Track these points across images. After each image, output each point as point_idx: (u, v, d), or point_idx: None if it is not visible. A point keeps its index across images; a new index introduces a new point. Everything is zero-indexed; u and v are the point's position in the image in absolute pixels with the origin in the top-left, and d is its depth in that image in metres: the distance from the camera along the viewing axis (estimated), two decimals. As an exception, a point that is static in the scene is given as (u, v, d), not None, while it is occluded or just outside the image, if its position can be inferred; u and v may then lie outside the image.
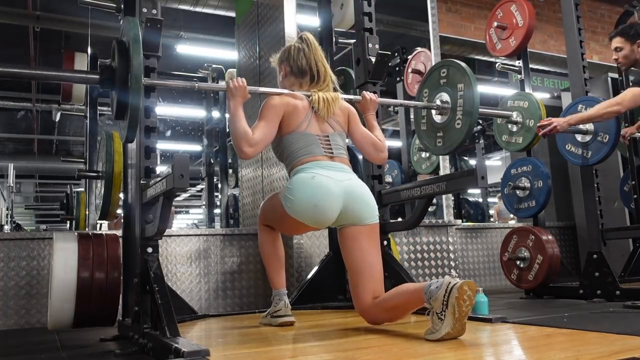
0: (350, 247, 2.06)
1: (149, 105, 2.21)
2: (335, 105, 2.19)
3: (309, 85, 2.23)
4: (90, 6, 2.38)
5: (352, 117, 2.28)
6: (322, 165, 2.07)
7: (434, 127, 2.60)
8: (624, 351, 1.42)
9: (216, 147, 5.64)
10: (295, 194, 2.01)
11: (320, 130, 2.16)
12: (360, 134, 2.27)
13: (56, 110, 6.79)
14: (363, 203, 2.06)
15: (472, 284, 1.65)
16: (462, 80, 2.43)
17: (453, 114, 2.47)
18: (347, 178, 2.08)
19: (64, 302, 2.17)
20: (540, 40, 6.45)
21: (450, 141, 2.51)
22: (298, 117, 2.13)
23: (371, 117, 2.36)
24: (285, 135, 2.13)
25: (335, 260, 3.02)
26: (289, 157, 2.13)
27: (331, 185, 2.01)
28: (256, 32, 3.97)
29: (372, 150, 2.27)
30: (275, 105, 2.11)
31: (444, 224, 3.69)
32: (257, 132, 2.03)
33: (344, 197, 2.02)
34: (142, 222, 2.05)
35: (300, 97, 2.17)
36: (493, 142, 8.76)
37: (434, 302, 1.67)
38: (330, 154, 2.12)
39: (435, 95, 2.57)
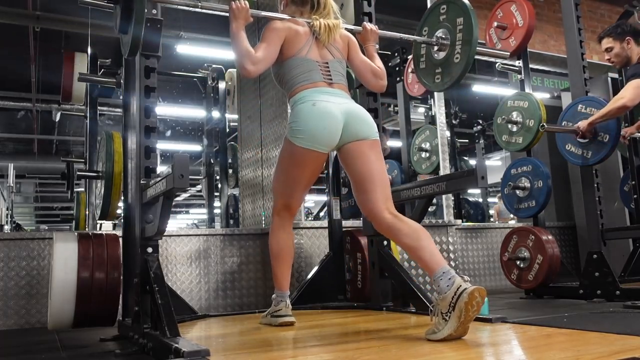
0: (356, 159, 2.08)
1: (149, 105, 2.20)
2: (336, 32, 2.23)
3: (309, 13, 2.27)
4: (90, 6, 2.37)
5: (352, 45, 2.31)
6: (321, 91, 2.11)
7: (432, 63, 2.61)
8: (624, 351, 1.42)
9: (216, 147, 5.64)
10: (302, 124, 2.05)
11: (320, 56, 2.20)
12: (360, 60, 2.30)
13: (56, 110, 6.79)
14: (363, 121, 2.11)
15: (482, 291, 1.65)
16: (461, 15, 2.44)
17: (452, 48, 2.49)
18: (346, 102, 2.12)
19: (64, 302, 2.17)
20: (540, 40, 6.44)
21: (449, 76, 2.52)
22: (299, 42, 2.17)
23: (371, 47, 2.39)
24: (286, 59, 2.17)
25: (335, 260, 3.02)
26: (289, 82, 2.17)
27: (332, 108, 2.06)
28: (256, 33, 3.97)
29: (372, 77, 2.29)
30: (278, 29, 2.15)
31: (444, 224, 3.69)
32: (259, 51, 2.08)
33: (344, 118, 2.07)
34: (142, 222, 2.05)
35: (301, 23, 2.22)
36: (493, 142, 8.75)
37: (441, 301, 1.67)
38: (330, 80, 2.16)
39: (434, 32, 2.59)
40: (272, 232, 2.29)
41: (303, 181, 2.21)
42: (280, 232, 2.27)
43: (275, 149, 3.63)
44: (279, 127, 3.55)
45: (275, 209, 2.28)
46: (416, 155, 4.52)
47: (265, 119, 3.83)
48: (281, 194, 2.25)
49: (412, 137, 4.53)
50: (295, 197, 2.26)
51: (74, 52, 5.11)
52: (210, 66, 5.54)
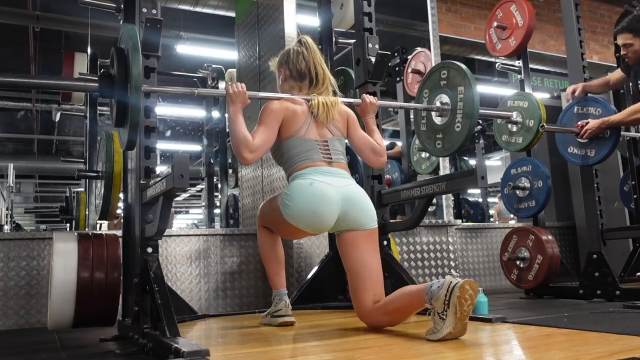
0: (350, 252, 2.06)
1: (149, 105, 2.21)
2: (334, 110, 2.19)
3: (308, 88, 2.23)
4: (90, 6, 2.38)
5: (352, 121, 2.28)
6: (321, 171, 2.07)
7: (434, 128, 2.60)
8: (624, 351, 1.42)
9: (216, 147, 5.64)
10: (293, 201, 2.02)
11: (319, 135, 2.16)
12: (360, 138, 2.27)
13: (56, 110, 6.80)
14: (361, 209, 2.06)
15: (473, 283, 1.65)
16: (462, 83, 2.42)
17: (453, 116, 2.47)
18: (346, 184, 2.08)
19: (64, 302, 2.17)
20: (540, 40, 6.45)
21: (450, 143, 2.50)
22: (297, 122, 2.13)
23: (370, 121, 2.36)
24: (284, 140, 2.13)
25: (335, 260, 3.01)
26: (288, 161, 2.13)
27: (329, 191, 2.02)
28: (256, 32, 3.98)
29: (371, 155, 2.27)
30: (275, 110, 2.11)
31: (444, 224, 3.69)
32: (257, 137, 2.04)
33: (342, 203, 2.03)
34: (142, 222, 2.05)
35: (299, 102, 2.18)
36: (493, 142, 8.75)
37: (436, 302, 1.67)
38: (329, 159, 2.13)
39: (435, 97, 2.57)
40: (260, 236, 2.32)
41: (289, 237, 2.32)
42: (266, 236, 2.30)
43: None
44: (279, 127, 3.55)
45: (260, 224, 2.32)
46: (416, 155, 4.52)
47: (265, 119, 3.82)
48: (266, 223, 2.29)
49: (412, 137, 4.53)
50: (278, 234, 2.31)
51: (74, 52, 5.12)
52: (210, 66, 5.54)
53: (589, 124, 3.11)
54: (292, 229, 2.10)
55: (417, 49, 4.41)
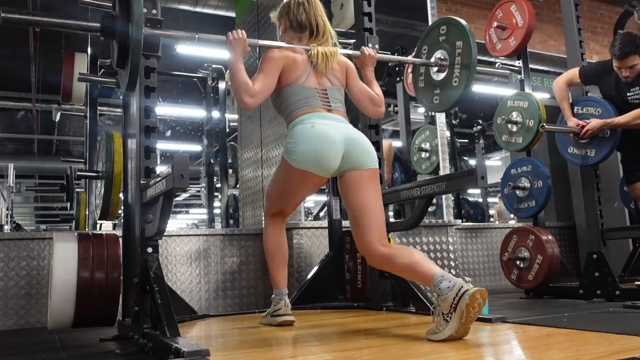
0: (353, 190, 2.08)
1: (149, 105, 2.21)
2: (333, 60, 2.22)
3: (308, 39, 2.26)
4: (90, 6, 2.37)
5: (350, 72, 2.31)
6: (320, 115, 2.11)
7: (431, 84, 2.61)
8: (624, 351, 1.42)
9: (216, 147, 5.64)
10: (299, 145, 2.04)
11: (319, 83, 2.19)
12: (358, 88, 2.30)
13: (56, 110, 6.79)
14: (362, 148, 2.10)
15: (484, 292, 1.64)
16: (461, 38, 2.44)
17: (451, 70, 2.48)
18: (345, 126, 2.12)
19: (64, 302, 2.17)
20: (540, 40, 6.44)
21: (447, 99, 2.52)
22: (297, 70, 2.16)
23: (369, 73, 2.38)
24: (284, 87, 2.16)
25: (335, 260, 3.02)
26: (288, 109, 2.16)
27: (331, 132, 2.05)
28: (256, 33, 3.97)
29: (370, 105, 2.29)
30: (275, 58, 2.14)
31: (444, 224, 3.69)
32: (257, 83, 2.07)
33: (344, 143, 2.05)
34: (142, 222, 2.05)
35: (299, 51, 2.21)
36: (493, 142, 8.75)
37: (442, 302, 1.67)
38: (328, 106, 2.16)
39: (434, 52, 2.59)
40: (266, 233, 2.31)
41: (299, 197, 2.26)
42: (273, 232, 2.29)
43: (275, 149, 3.63)
44: (279, 127, 3.55)
45: (268, 213, 2.30)
46: (416, 155, 4.53)
47: (265, 119, 3.83)
48: (275, 203, 2.27)
49: (412, 137, 4.54)
50: (290, 207, 2.30)
51: (74, 52, 5.11)
52: (210, 66, 5.54)
53: (591, 124, 3.11)
54: (301, 182, 2.11)
55: (417, 49, 4.41)
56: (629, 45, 2.98)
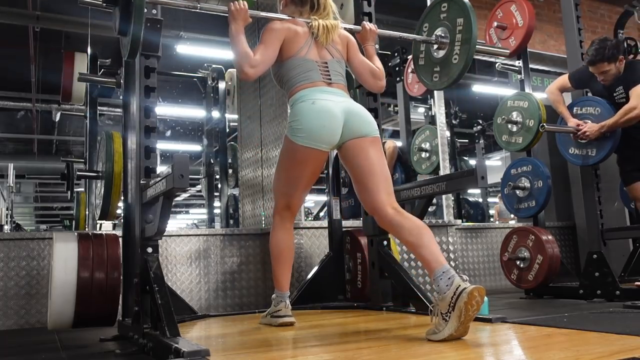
0: (357, 156, 2.09)
1: (149, 105, 2.21)
2: (334, 33, 2.23)
3: (309, 13, 2.27)
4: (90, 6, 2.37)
5: (351, 45, 2.32)
6: (320, 90, 2.12)
7: (431, 61, 2.61)
8: (624, 351, 1.42)
9: (216, 147, 5.64)
10: (302, 122, 2.06)
11: (320, 56, 2.20)
12: (359, 61, 2.31)
13: (56, 110, 6.79)
14: (362, 119, 2.12)
15: (482, 290, 1.64)
16: (462, 15, 2.44)
17: (451, 47, 2.48)
18: (344, 100, 2.13)
19: (64, 302, 2.17)
20: (540, 40, 6.44)
21: (448, 76, 2.51)
22: (298, 43, 2.17)
23: (370, 47, 2.39)
24: (285, 60, 2.17)
25: (335, 260, 3.02)
26: (289, 82, 2.17)
27: (331, 106, 2.07)
28: (256, 33, 3.97)
29: (370, 78, 2.30)
30: (276, 30, 2.16)
31: (444, 224, 3.69)
32: (258, 53, 2.09)
33: (344, 116, 2.08)
34: (142, 222, 2.05)
35: (300, 24, 2.22)
36: (493, 142, 8.75)
37: (441, 301, 1.67)
38: (329, 80, 2.17)
39: (434, 30, 2.59)
40: (273, 232, 2.28)
41: (304, 180, 2.21)
42: (281, 233, 2.26)
43: (275, 149, 3.63)
44: (279, 127, 3.55)
45: (276, 209, 2.27)
46: (416, 155, 4.52)
47: (265, 119, 3.83)
48: (282, 193, 2.25)
49: (412, 137, 4.53)
50: (296, 197, 2.25)
51: (74, 52, 5.11)
52: (210, 66, 5.54)
53: (588, 128, 3.13)
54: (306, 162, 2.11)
55: (417, 49, 4.40)
56: (599, 52, 3.09)
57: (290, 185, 2.22)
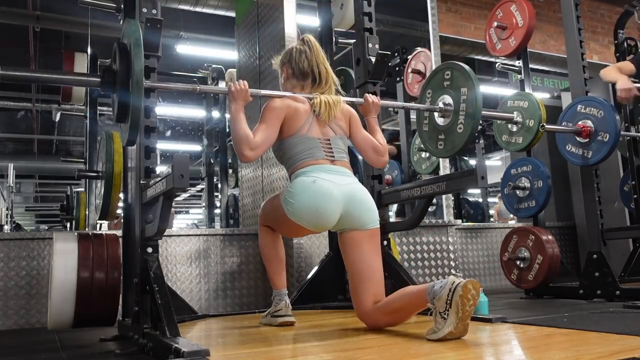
0: (351, 252, 2.06)
1: (149, 105, 2.20)
2: (336, 109, 2.19)
3: (310, 87, 2.23)
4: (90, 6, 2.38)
5: (354, 120, 2.27)
6: (323, 169, 2.06)
7: (436, 129, 2.59)
8: (624, 351, 1.42)
9: (216, 147, 5.65)
10: (296, 198, 2.01)
11: (322, 133, 2.15)
12: (362, 137, 2.27)
13: (56, 110, 6.80)
14: (364, 208, 2.06)
15: (476, 284, 1.64)
16: (466, 84, 2.42)
17: (455, 117, 2.46)
18: (348, 182, 2.07)
19: (64, 302, 2.17)
20: (540, 40, 6.45)
21: (452, 144, 2.50)
22: (299, 120, 2.12)
23: (373, 120, 2.36)
24: (286, 138, 2.12)
25: (335, 260, 3.02)
26: (290, 160, 2.12)
27: (332, 189, 2.01)
28: (256, 32, 3.97)
29: (373, 154, 2.27)
30: (277, 108, 2.11)
31: (444, 224, 3.69)
32: (258, 135, 2.03)
33: (344, 201, 2.02)
34: (142, 222, 2.05)
35: (301, 100, 2.17)
36: (493, 142, 8.75)
37: (438, 302, 1.67)
38: (332, 157, 2.12)
39: (438, 97, 2.56)
40: (261, 237, 2.31)
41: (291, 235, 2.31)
42: (267, 236, 2.28)
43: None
44: (279, 127, 3.55)
45: (262, 224, 2.30)
46: (416, 155, 4.52)
47: (265, 119, 3.82)
48: (268, 222, 2.27)
49: (412, 137, 4.53)
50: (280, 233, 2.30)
51: (74, 52, 5.12)
52: (210, 66, 5.55)
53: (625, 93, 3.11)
54: (294, 227, 2.09)
55: (417, 49, 4.41)
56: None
57: (276, 227, 2.25)
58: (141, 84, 1.87)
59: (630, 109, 3.90)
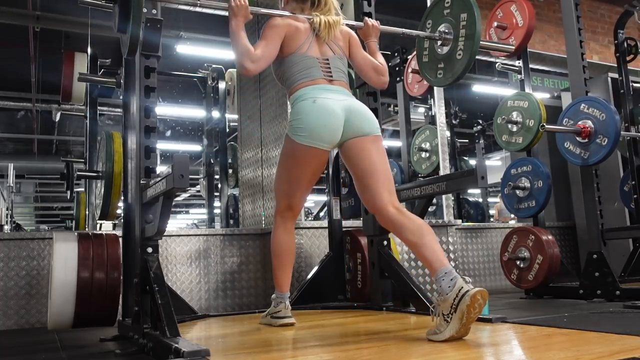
0: (358, 154, 2.07)
1: (149, 105, 2.20)
2: (336, 28, 2.22)
3: (310, 10, 2.25)
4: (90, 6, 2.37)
5: (353, 41, 2.31)
6: (321, 88, 2.10)
7: (435, 58, 2.59)
8: (624, 351, 1.42)
9: (216, 147, 5.64)
10: (303, 121, 2.05)
11: (321, 53, 2.19)
12: (362, 57, 2.30)
13: (56, 110, 6.79)
14: (364, 117, 2.10)
15: (484, 293, 1.64)
16: (465, 10, 2.42)
17: (455, 43, 2.46)
18: (346, 98, 2.12)
19: (64, 302, 2.17)
20: (540, 40, 6.44)
21: (451, 72, 2.49)
22: (299, 39, 2.16)
23: (372, 44, 2.38)
24: (286, 56, 2.16)
25: (335, 260, 3.02)
26: (289, 79, 2.16)
27: (332, 104, 2.06)
28: (256, 33, 3.97)
29: (373, 74, 2.28)
30: (277, 26, 2.14)
31: (444, 224, 3.69)
32: (258, 49, 2.07)
33: (345, 114, 2.06)
34: (142, 222, 2.05)
35: (302, 20, 2.21)
36: (493, 142, 8.75)
37: (443, 302, 1.67)
38: (330, 77, 2.16)
39: (438, 26, 2.56)
40: (274, 233, 2.27)
41: (305, 180, 2.19)
42: (282, 233, 2.25)
43: (276, 149, 3.63)
44: (279, 127, 3.55)
45: (278, 210, 2.26)
46: (416, 155, 4.52)
47: (265, 118, 3.83)
48: (283, 193, 2.24)
49: (412, 137, 4.53)
50: (297, 197, 2.24)
51: (74, 52, 5.11)
52: (210, 66, 5.54)
53: None
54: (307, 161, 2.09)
55: (417, 49, 4.40)
56: None
57: (291, 185, 2.21)
58: None
59: (630, 109, 3.90)
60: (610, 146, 3.08)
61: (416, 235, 1.89)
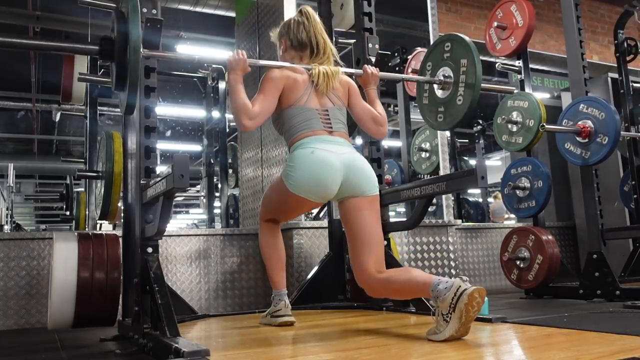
0: (352, 218, 2.06)
1: (149, 105, 2.21)
2: (335, 79, 2.19)
3: (309, 58, 2.23)
4: (90, 6, 2.37)
5: (352, 91, 2.28)
6: (321, 139, 2.07)
7: (435, 102, 2.58)
8: (624, 351, 1.42)
9: (216, 147, 5.64)
10: (297, 170, 2.02)
11: (320, 104, 2.16)
12: (361, 107, 2.27)
13: (56, 110, 6.79)
14: (363, 175, 2.07)
15: (482, 291, 1.64)
16: (465, 56, 2.42)
17: (455, 88, 2.45)
18: (346, 151, 2.09)
19: (64, 302, 2.17)
20: (540, 40, 6.44)
21: (452, 117, 2.49)
22: (298, 91, 2.13)
23: (372, 91, 2.36)
24: (285, 109, 2.14)
25: (335, 260, 3.02)
26: (289, 131, 2.14)
27: (331, 158, 2.02)
28: (256, 33, 3.98)
29: (372, 124, 2.26)
30: (275, 78, 2.11)
31: (444, 224, 3.69)
32: (256, 105, 2.04)
33: (344, 170, 2.03)
34: (142, 222, 2.05)
35: (300, 71, 2.18)
36: (493, 142, 8.75)
37: (441, 303, 1.67)
38: (330, 128, 2.13)
39: (438, 70, 2.55)
40: (261, 236, 2.31)
41: (293, 214, 2.28)
42: (268, 235, 2.30)
43: (275, 149, 3.63)
44: (279, 127, 3.55)
45: (262, 218, 2.31)
46: (416, 155, 4.52)
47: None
48: (269, 212, 2.28)
49: (412, 137, 4.54)
50: (282, 219, 2.32)
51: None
52: (210, 66, 5.55)
53: None
54: (297, 205, 2.11)
55: (417, 49, 4.41)
56: None
57: (277, 214, 2.27)
58: (139, 50, 1.85)
59: (630, 109, 3.90)
60: (610, 146, 3.08)
61: (403, 275, 1.92)
